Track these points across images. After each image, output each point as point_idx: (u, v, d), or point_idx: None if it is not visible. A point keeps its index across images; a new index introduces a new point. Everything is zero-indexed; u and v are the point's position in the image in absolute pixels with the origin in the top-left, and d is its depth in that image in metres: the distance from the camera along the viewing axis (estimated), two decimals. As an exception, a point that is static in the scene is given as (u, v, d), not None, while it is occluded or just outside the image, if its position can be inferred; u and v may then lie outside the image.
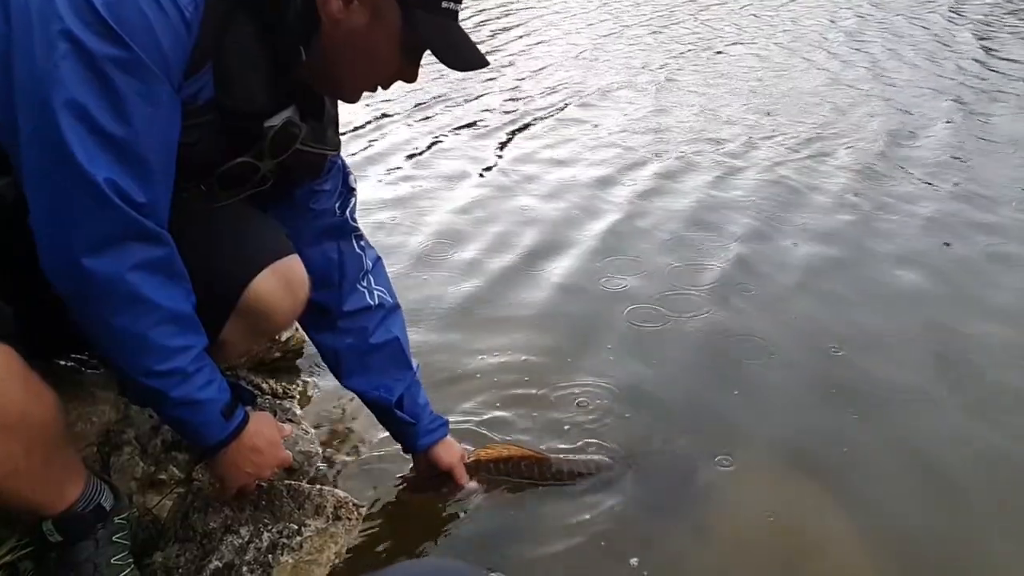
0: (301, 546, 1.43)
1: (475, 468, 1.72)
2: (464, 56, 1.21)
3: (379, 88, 1.26)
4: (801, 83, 5.38)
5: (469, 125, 4.67)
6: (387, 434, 1.72)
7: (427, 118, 4.80)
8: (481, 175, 3.86)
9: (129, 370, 1.15)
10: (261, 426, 1.35)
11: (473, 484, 1.69)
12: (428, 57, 1.22)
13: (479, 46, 1.24)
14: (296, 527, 1.46)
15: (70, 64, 0.96)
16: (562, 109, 4.94)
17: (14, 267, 1.10)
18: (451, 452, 1.67)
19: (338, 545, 1.48)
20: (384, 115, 4.80)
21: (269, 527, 1.45)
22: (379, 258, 1.60)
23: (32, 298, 1.11)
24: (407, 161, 4.07)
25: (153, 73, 1.01)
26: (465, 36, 1.21)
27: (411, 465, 1.74)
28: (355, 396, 1.64)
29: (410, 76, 1.25)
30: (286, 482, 1.56)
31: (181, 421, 1.23)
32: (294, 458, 1.75)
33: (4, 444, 1.04)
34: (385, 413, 1.61)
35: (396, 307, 1.60)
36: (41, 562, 1.25)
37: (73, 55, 0.95)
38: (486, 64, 1.22)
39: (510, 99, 5.20)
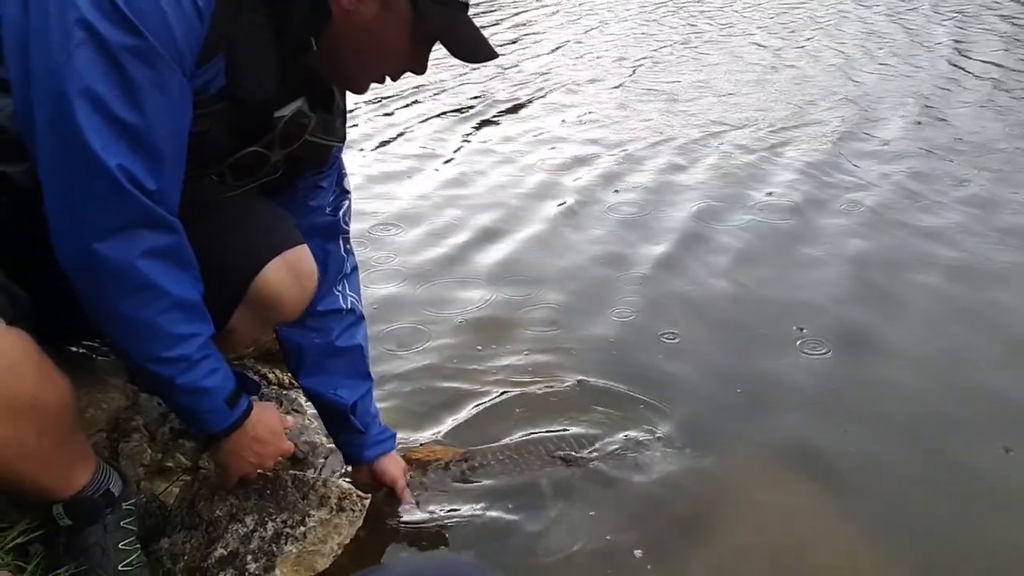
0: (305, 536, 1.44)
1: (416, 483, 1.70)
2: (474, 48, 1.21)
3: (388, 79, 1.27)
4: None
5: (444, 111, 4.90)
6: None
7: (410, 104, 5.05)
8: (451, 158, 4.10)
9: (136, 356, 1.16)
10: (265, 416, 1.36)
11: (411, 502, 1.66)
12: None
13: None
14: (300, 517, 1.47)
15: (86, 52, 0.97)
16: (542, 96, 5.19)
17: (31, 254, 1.11)
18: (396, 466, 1.67)
19: (341, 536, 1.49)
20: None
21: (274, 516, 1.46)
22: (356, 266, 1.60)
23: (47, 285, 1.12)
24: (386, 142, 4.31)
25: (166, 62, 1.02)
26: (475, 28, 1.22)
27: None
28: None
29: (419, 68, 1.26)
30: (291, 472, 1.57)
31: (186, 408, 1.24)
32: (299, 448, 1.76)
33: (17, 427, 1.06)
34: (336, 418, 1.60)
35: (362, 317, 1.61)
36: (51, 545, 1.26)
37: (89, 44, 0.96)
38: (495, 56, 1.23)
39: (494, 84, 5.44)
